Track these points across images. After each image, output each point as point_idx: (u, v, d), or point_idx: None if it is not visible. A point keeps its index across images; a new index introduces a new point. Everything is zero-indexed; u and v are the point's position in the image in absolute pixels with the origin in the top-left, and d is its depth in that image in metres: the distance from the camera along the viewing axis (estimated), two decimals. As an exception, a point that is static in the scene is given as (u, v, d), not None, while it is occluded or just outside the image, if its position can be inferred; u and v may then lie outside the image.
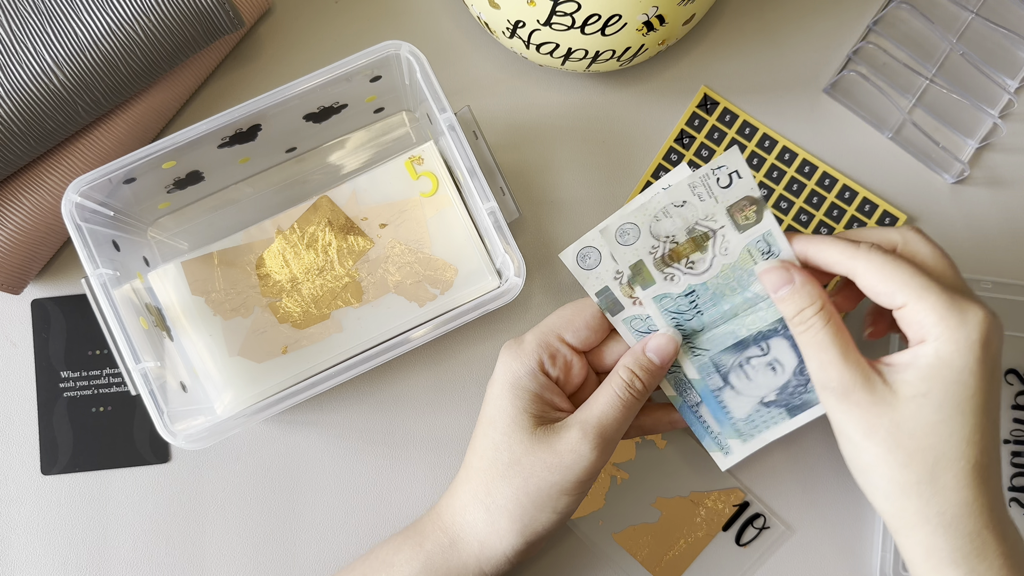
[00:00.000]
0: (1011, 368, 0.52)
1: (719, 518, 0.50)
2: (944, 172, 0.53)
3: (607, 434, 0.41)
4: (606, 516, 0.51)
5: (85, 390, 0.51)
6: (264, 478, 0.51)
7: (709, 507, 0.50)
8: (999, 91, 0.54)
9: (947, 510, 0.37)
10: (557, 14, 0.45)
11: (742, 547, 0.50)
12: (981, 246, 0.53)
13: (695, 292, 0.44)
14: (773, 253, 0.42)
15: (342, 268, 0.51)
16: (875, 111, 0.54)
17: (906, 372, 0.38)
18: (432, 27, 0.55)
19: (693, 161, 0.54)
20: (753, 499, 0.51)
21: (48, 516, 0.51)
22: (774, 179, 0.53)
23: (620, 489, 0.51)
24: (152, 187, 0.48)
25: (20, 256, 0.49)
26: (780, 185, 0.53)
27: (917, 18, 0.54)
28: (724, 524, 0.50)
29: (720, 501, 0.50)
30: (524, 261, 0.45)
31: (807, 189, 0.53)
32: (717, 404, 0.45)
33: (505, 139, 0.54)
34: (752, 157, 0.53)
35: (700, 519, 0.50)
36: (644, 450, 0.51)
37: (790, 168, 0.53)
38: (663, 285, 0.44)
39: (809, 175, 0.53)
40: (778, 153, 0.53)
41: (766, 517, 0.51)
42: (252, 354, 0.50)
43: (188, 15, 0.46)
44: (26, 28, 0.45)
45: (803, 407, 0.45)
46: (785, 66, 0.55)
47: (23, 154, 0.46)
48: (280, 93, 0.45)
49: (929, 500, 0.38)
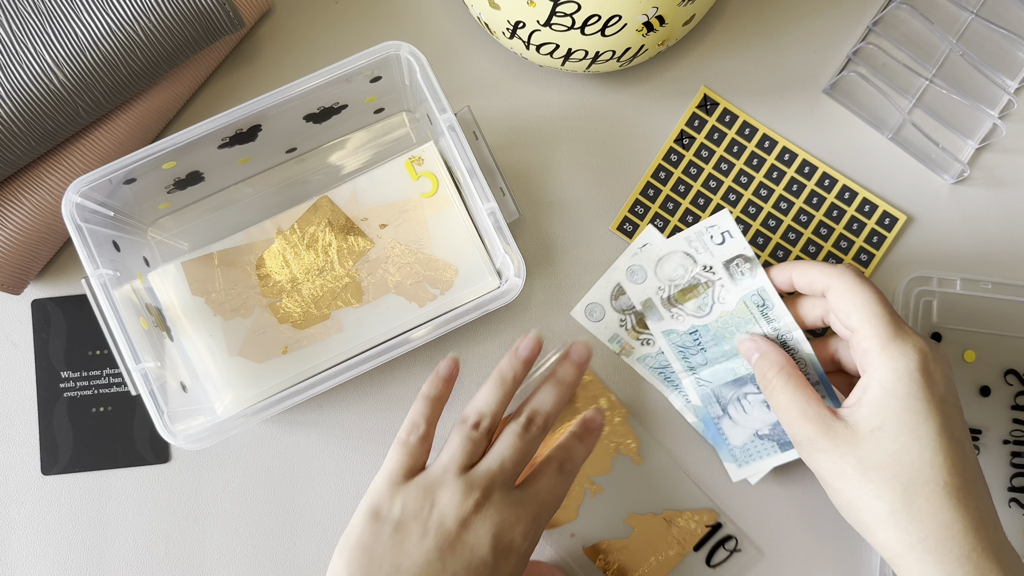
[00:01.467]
0: (1011, 368, 0.52)
1: (691, 538, 0.50)
2: (944, 172, 0.53)
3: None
4: (578, 529, 0.51)
5: (85, 390, 0.51)
6: (264, 478, 0.51)
7: (681, 526, 0.50)
8: (999, 91, 0.54)
9: (928, 535, 0.38)
10: (557, 15, 0.45)
11: (712, 568, 0.50)
12: (981, 246, 0.53)
13: (698, 332, 0.49)
14: (767, 306, 0.47)
15: (342, 268, 0.51)
16: (875, 111, 0.54)
17: (860, 409, 0.40)
18: (432, 27, 0.55)
19: (693, 162, 0.54)
20: (726, 521, 0.51)
21: (48, 516, 0.51)
22: (774, 179, 0.53)
23: (594, 503, 0.51)
24: (152, 187, 0.48)
25: (20, 256, 0.49)
26: (780, 186, 0.53)
27: (917, 19, 0.54)
28: (695, 544, 0.50)
29: (693, 521, 0.50)
30: (524, 261, 0.45)
31: (807, 189, 0.53)
32: (716, 430, 0.50)
33: (505, 139, 0.54)
34: (752, 157, 0.53)
35: (672, 538, 0.50)
36: (620, 465, 0.51)
37: (790, 168, 0.53)
38: (670, 322, 0.50)
39: (809, 175, 0.53)
40: (778, 154, 0.53)
41: (738, 540, 0.51)
42: (252, 354, 0.50)
43: (188, 15, 0.46)
44: (26, 28, 0.45)
45: (791, 444, 0.48)
46: (785, 66, 0.55)
47: (23, 154, 0.46)
48: (280, 93, 0.45)
49: (908, 527, 0.38)
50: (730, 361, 0.48)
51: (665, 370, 0.51)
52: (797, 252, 0.53)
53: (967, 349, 0.52)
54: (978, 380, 0.52)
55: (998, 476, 0.51)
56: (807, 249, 0.53)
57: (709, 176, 0.53)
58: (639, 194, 0.53)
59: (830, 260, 0.53)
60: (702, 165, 0.53)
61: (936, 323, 0.52)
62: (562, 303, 0.53)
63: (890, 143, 0.54)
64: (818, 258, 0.53)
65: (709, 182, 0.53)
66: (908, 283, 0.52)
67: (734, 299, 0.48)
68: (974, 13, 0.54)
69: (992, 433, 0.51)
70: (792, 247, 0.53)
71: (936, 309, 0.52)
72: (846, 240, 0.53)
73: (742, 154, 0.53)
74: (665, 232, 0.53)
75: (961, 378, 0.52)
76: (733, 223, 0.48)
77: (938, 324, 0.52)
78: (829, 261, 0.53)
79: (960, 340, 0.52)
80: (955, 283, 0.52)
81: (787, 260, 0.53)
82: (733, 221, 0.48)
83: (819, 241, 0.53)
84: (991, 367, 0.52)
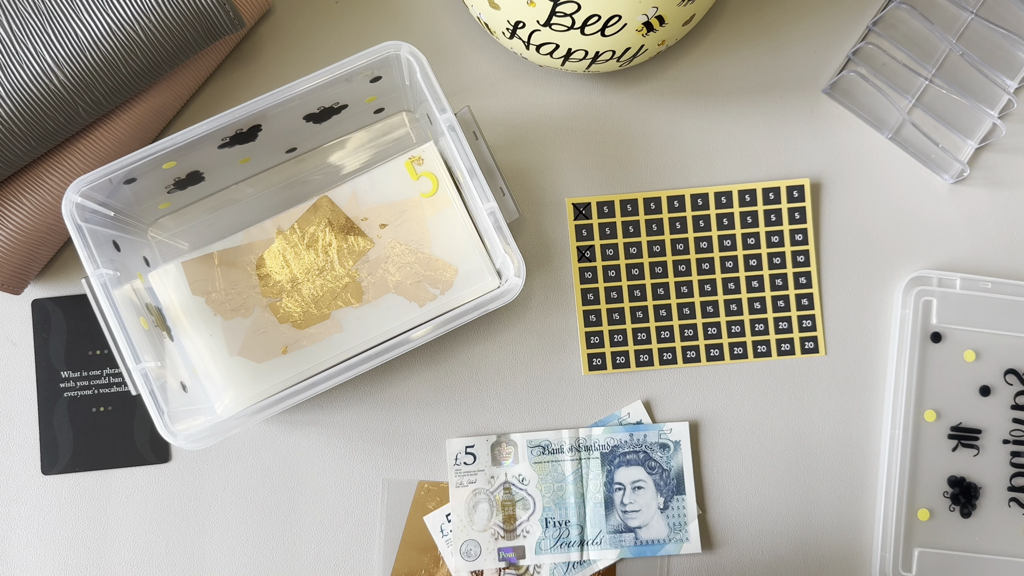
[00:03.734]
0: (1011, 368, 0.52)
1: None
2: (944, 172, 0.53)
3: None
4: None
5: (85, 390, 0.51)
6: (264, 478, 0.51)
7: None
8: (998, 91, 0.54)
9: None
10: (557, 15, 0.45)
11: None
12: (981, 246, 0.53)
13: (546, 520, 0.51)
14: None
15: (342, 268, 0.51)
16: (875, 111, 0.54)
17: None
18: (432, 27, 0.55)
19: (608, 266, 0.54)
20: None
21: (48, 516, 0.51)
22: (679, 230, 0.53)
23: None
24: (152, 187, 0.48)
25: (20, 256, 0.49)
26: (689, 231, 0.53)
27: (917, 18, 0.54)
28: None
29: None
30: (524, 261, 0.45)
31: (712, 218, 0.53)
32: (642, 542, 0.51)
33: (505, 139, 0.54)
34: (650, 225, 0.53)
35: None
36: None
37: (686, 211, 0.53)
38: (527, 540, 0.51)
39: (704, 205, 0.53)
40: (668, 206, 0.53)
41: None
42: (252, 354, 0.50)
43: (188, 15, 0.46)
44: (26, 28, 0.45)
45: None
46: (785, 66, 0.55)
47: (23, 154, 0.46)
48: (280, 93, 0.45)
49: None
50: (588, 504, 0.51)
51: (570, 565, 0.51)
52: (743, 275, 0.53)
53: (967, 349, 0.52)
54: (978, 380, 0.52)
55: (998, 476, 0.51)
56: (749, 263, 0.53)
57: (628, 269, 0.53)
58: (584, 328, 0.53)
59: (773, 261, 0.53)
60: (616, 263, 0.53)
61: (936, 323, 0.52)
62: (562, 303, 0.53)
63: (890, 143, 0.54)
64: (763, 262, 0.53)
65: (632, 271, 0.53)
66: (908, 283, 0.52)
67: (533, 476, 0.51)
68: (974, 13, 0.54)
69: (992, 433, 0.51)
70: (737, 273, 0.53)
71: (936, 309, 0.52)
72: (776, 235, 0.53)
73: (639, 229, 0.53)
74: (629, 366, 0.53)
75: (961, 378, 0.52)
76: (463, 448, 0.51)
77: (938, 324, 0.52)
78: (773, 267, 0.53)
79: (960, 339, 0.52)
80: (955, 282, 0.52)
81: (740, 288, 0.53)
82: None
83: (755, 251, 0.53)
84: (991, 366, 0.52)
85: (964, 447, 0.51)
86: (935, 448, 0.51)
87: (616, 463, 0.51)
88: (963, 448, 0.51)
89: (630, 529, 0.51)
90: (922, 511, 0.51)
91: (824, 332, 0.53)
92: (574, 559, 0.51)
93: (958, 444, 0.51)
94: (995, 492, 0.51)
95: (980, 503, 0.51)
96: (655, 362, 0.53)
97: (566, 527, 0.51)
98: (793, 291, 0.53)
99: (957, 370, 0.52)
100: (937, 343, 0.52)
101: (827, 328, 0.53)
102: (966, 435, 0.51)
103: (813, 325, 0.53)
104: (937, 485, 0.51)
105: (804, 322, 0.53)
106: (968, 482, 0.51)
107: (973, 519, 0.51)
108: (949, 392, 0.52)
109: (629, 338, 0.53)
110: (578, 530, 0.51)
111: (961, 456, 0.51)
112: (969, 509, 0.51)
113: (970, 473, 0.51)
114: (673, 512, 0.51)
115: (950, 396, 0.52)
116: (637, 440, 0.52)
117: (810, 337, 0.53)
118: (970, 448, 0.51)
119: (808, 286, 0.53)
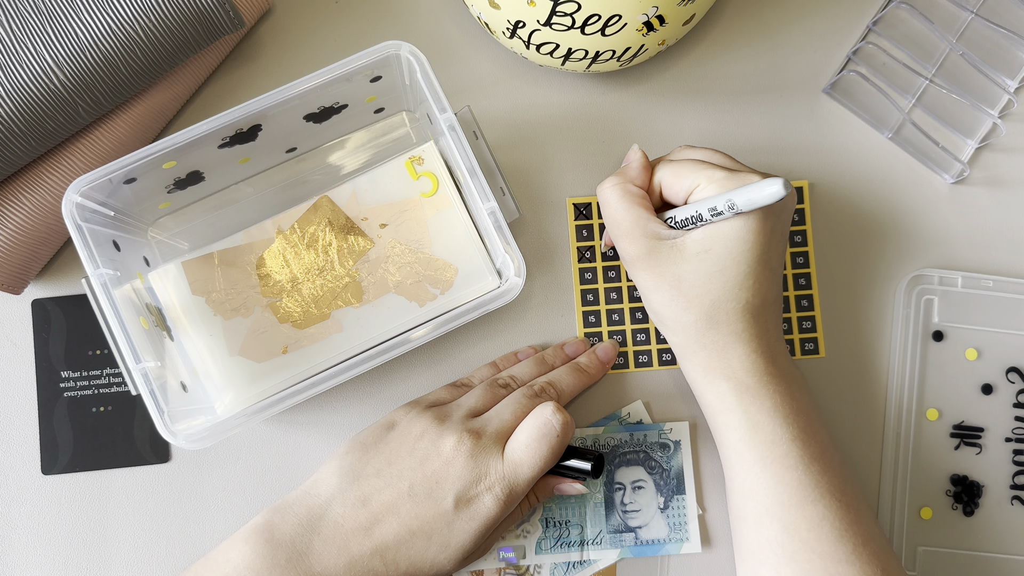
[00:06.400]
0: (1013, 366, 0.52)
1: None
2: (944, 172, 0.53)
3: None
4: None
5: (85, 390, 0.51)
6: (264, 478, 0.51)
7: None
8: (999, 91, 0.54)
9: (719, 339, 0.45)
10: (557, 14, 0.45)
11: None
12: (981, 246, 0.53)
13: (546, 519, 0.51)
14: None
15: (342, 268, 0.51)
16: (875, 111, 0.54)
17: (694, 233, 0.44)
18: (432, 27, 0.55)
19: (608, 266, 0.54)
20: None
21: (48, 516, 0.51)
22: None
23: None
24: (152, 187, 0.48)
25: (20, 256, 0.49)
26: None
27: (917, 18, 0.54)
28: None
29: None
30: (524, 261, 0.45)
31: None
32: (643, 542, 0.51)
33: (505, 139, 0.54)
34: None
35: None
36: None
37: None
38: (527, 540, 0.51)
39: None
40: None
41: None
42: (252, 354, 0.50)
43: (188, 15, 0.46)
44: (26, 28, 0.45)
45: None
46: (785, 66, 0.55)
47: (23, 154, 0.46)
48: (280, 93, 0.45)
49: (705, 332, 0.45)
50: (588, 509, 0.51)
51: (570, 565, 0.51)
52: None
53: (969, 347, 0.52)
54: (980, 378, 0.52)
55: (1001, 474, 0.51)
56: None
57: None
58: (584, 328, 0.52)
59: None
60: (616, 264, 0.53)
61: (937, 321, 0.52)
62: (562, 303, 0.53)
63: (890, 143, 0.54)
64: None
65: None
66: (909, 281, 0.52)
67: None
68: (974, 13, 0.54)
69: (994, 431, 0.51)
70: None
71: (937, 307, 0.52)
72: None
73: None
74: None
75: (963, 376, 0.52)
76: None
77: (939, 322, 0.52)
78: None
79: (962, 338, 0.52)
80: (956, 281, 0.52)
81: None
82: None
83: None
84: (993, 365, 0.52)
85: (966, 445, 0.51)
86: (937, 447, 0.51)
87: (616, 463, 0.51)
88: (965, 446, 0.51)
89: (630, 529, 0.51)
90: (924, 510, 0.51)
91: (824, 333, 0.53)
92: (574, 559, 0.51)
93: (960, 442, 0.51)
94: (998, 490, 0.51)
95: (983, 501, 0.51)
96: (654, 363, 0.52)
97: (566, 527, 0.51)
98: (792, 292, 0.53)
99: (959, 368, 0.52)
100: (939, 342, 0.52)
101: (827, 329, 0.53)
102: (968, 433, 0.51)
103: (813, 326, 0.53)
104: (939, 484, 0.51)
105: (804, 323, 0.53)
106: (970, 480, 0.51)
107: (976, 517, 0.51)
108: (951, 391, 0.52)
109: (629, 339, 0.52)
110: (578, 530, 0.51)
111: (963, 454, 0.51)
112: (972, 507, 0.51)
113: (972, 471, 0.51)
114: (673, 512, 0.51)
115: (952, 395, 0.52)
116: (637, 440, 0.52)
117: (810, 338, 0.53)
118: (972, 446, 0.51)
119: (808, 287, 0.53)
